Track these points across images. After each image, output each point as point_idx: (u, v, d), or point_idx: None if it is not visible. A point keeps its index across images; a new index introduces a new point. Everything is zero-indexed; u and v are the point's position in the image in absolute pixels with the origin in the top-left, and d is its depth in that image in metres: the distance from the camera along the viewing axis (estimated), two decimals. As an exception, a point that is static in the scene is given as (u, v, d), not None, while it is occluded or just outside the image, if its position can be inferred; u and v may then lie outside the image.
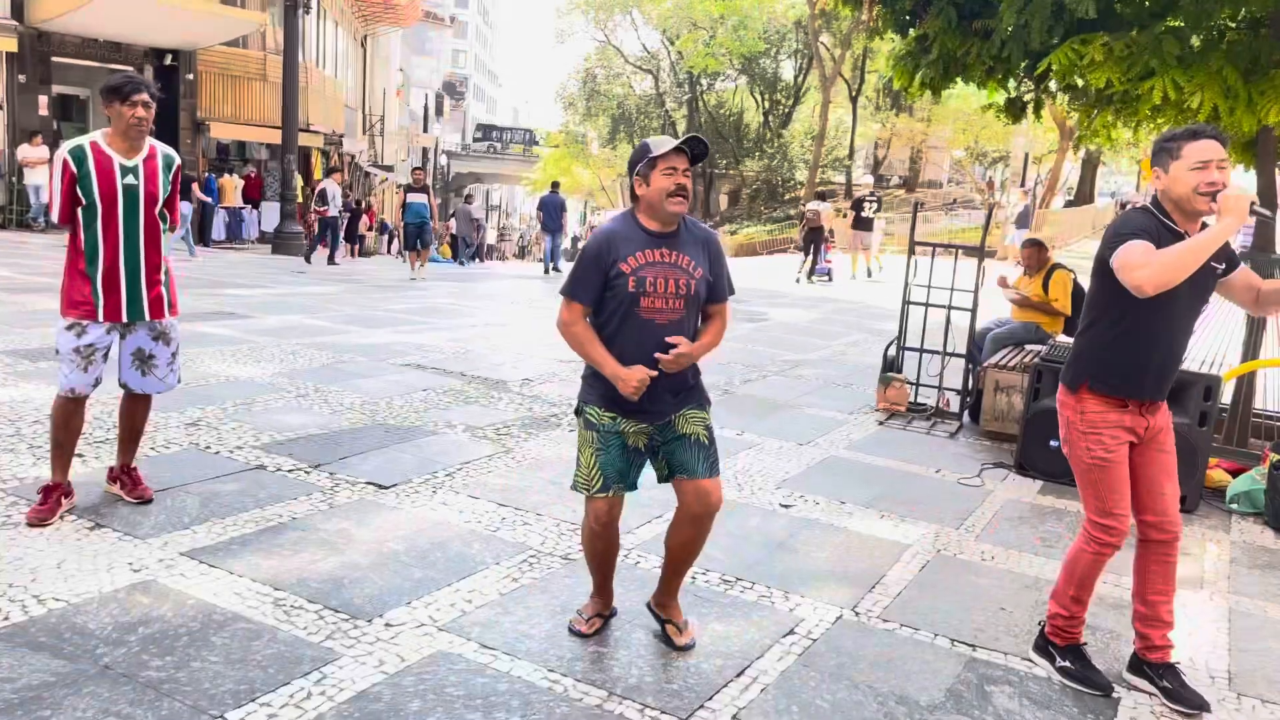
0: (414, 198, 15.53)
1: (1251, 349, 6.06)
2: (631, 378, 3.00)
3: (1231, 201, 2.96)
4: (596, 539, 3.22)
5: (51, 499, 3.94)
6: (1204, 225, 3.13)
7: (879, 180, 45.13)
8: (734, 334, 10.58)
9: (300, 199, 21.36)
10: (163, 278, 4.14)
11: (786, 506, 4.91)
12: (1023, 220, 21.94)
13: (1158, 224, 3.12)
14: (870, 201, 19.91)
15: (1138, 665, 3.35)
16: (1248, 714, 3.22)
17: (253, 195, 22.67)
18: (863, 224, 19.52)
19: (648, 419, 3.11)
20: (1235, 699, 3.31)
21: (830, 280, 18.74)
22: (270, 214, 21.84)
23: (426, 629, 3.29)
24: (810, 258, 18.81)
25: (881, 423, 6.95)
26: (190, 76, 20.54)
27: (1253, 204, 2.97)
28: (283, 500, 4.35)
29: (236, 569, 3.61)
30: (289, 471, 4.74)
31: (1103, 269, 3.18)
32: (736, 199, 48.32)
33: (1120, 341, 3.19)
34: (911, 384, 7.39)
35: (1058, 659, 3.36)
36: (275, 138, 20.47)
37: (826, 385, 8.17)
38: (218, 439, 5.15)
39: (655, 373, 3.01)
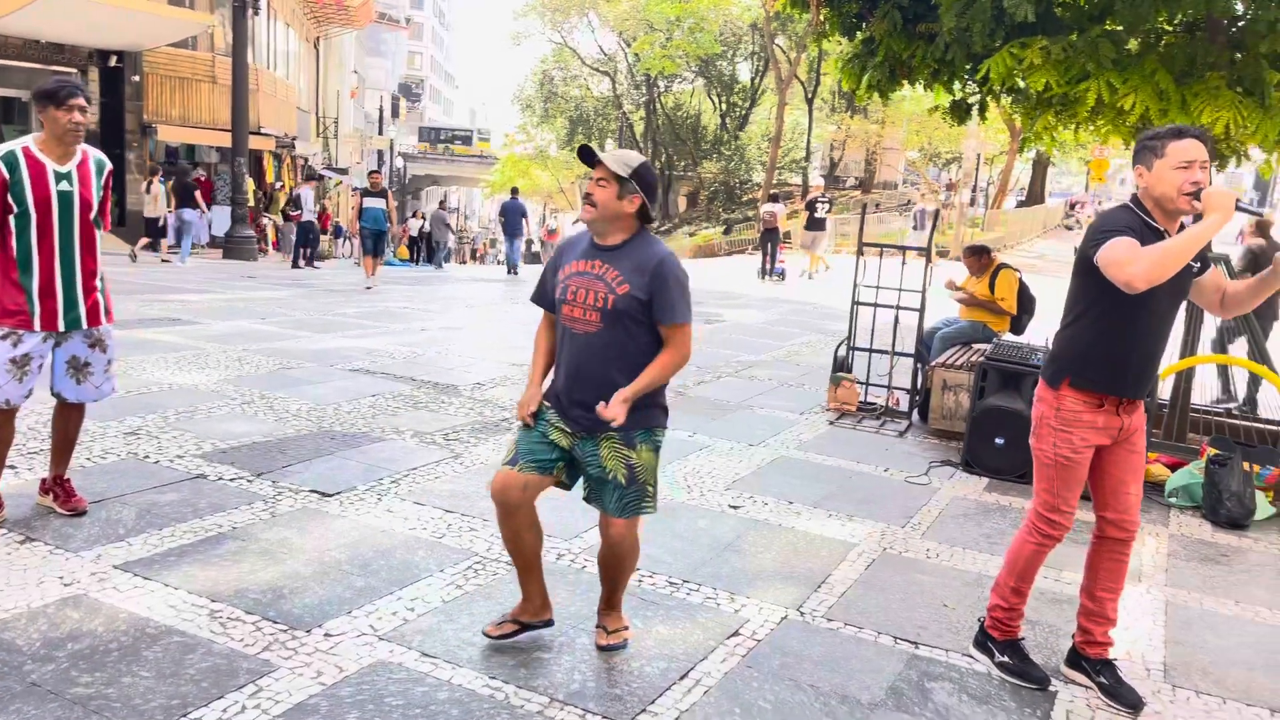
0: (370, 202, 14.52)
1: (1189, 346, 6.19)
2: (523, 399, 3.16)
3: (1217, 199, 2.97)
4: (500, 522, 3.14)
5: (-20, 512, 3.84)
6: (1182, 225, 3.17)
7: (835, 181, 45.53)
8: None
9: (252, 202, 21.06)
10: (99, 284, 4.06)
11: (735, 508, 4.92)
12: (921, 220, 22.15)
13: (1140, 222, 3.13)
14: (823, 202, 20.58)
15: (1075, 659, 3.40)
16: (1182, 705, 3.28)
17: (204, 199, 22.29)
18: (816, 224, 20.05)
19: (569, 425, 3.10)
20: (1170, 690, 3.37)
21: (784, 279, 19.11)
22: (221, 218, 21.49)
23: (367, 638, 3.25)
24: (767, 258, 19.29)
25: (832, 422, 6.99)
26: (136, 78, 20.16)
27: (1238, 201, 3.00)
28: (223, 510, 4.27)
29: (172, 581, 3.54)
30: (230, 480, 4.66)
31: (1085, 266, 3.16)
32: (695, 200, 48.49)
33: (1102, 339, 3.20)
34: (861, 383, 7.46)
35: (996, 654, 3.40)
36: (225, 140, 20.14)
37: (779, 386, 8.21)
38: (158, 448, 5.05)
39: (535, 411, 3.13)
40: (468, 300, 13.91)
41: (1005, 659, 3.38)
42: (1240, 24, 6.06)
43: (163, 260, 16.94)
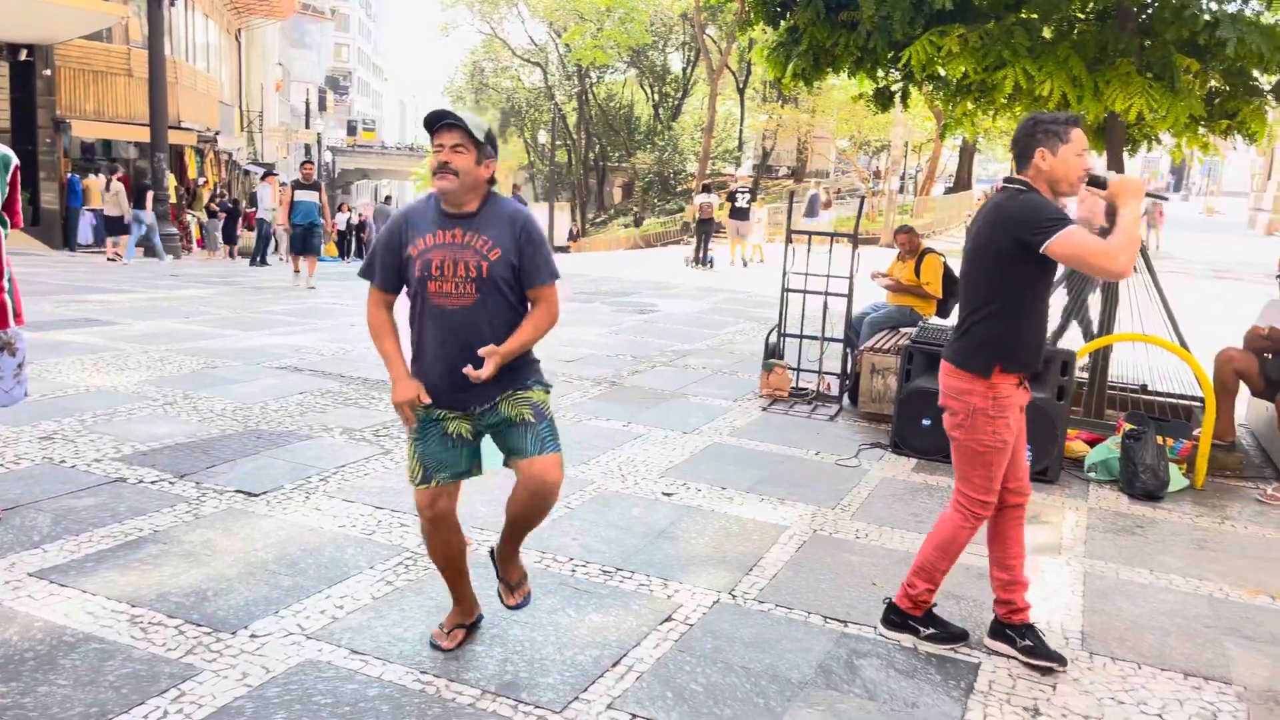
0: (303, 196, 13.38)
1: (1105, 325, 6.38)
2: (400, 395, 2.89)
3: (1131, 184, 3.09)
4: (427, 535, 3.06)
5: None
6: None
7: (768, 171, 45.90)
8: (623, 326, 10.64)
9: (174, 199, 20.51)
10: (7, 285, 3.93)
11: (669, 495, 4.95)
12: (811, 206, 22.64)
13: (1057, 205, 3.20)
14: (743, 192, 21.15)
15: (999, 630, 3.49)
16: (1099, 671, 3.39)
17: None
18: (739, 214, 20.59)
19: (463, 406, 2.95)
20: (1088, 657, 3.49)
21: (712, 267, 19.60)
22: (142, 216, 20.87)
23: (294, 638, 3.20)
24: (701, 246, 19.85)
25: (765, 408, 7.07)
26: (48, 72, 19.46)
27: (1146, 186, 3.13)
28: (144, 513, 4.16)
29: (90, 588, 3.44)
30: (152, 483, 4.55)
31: (1012, 254, 3.17)
32: (630, 191, 48.51)
33: (1029, 323, 3.29)
34: (793, 369, 7.54)
35: (922, 629, 3.47)
36: (144, 136, 19.57)
37: (713, 374, 8.27)
38: (74, 452, 4.90)
39: (428, 400, 2.89)
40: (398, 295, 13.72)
41: (932, 630, 3.47)
42: (1149, 11, 6.25)
43: (108, 259, 17.02)
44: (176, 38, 23.36)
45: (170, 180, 19.41)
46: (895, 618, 3.53)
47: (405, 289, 3.00)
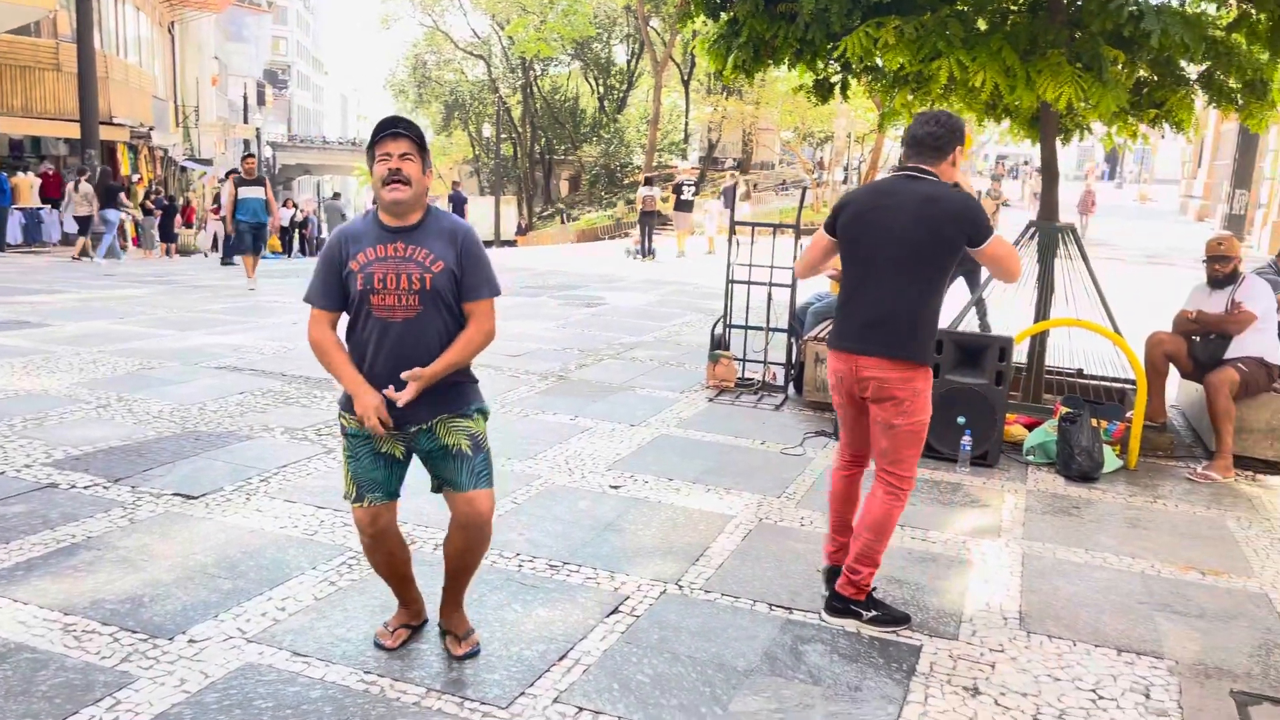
0: (248, 192, 12.46)
1: (1042, 310, 6.52)
2: (367, 405, 2.83)
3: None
4: (368, 551, 3.06)
5: None
6: None
7: (714, 163, 46.05)
8: (571, 319, 10.61)
9: (107, 197, 19.97)
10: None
11: (616, 487, 4.95)
12: (727, 198, 22.99)
13: None
14: (689, 185, 21.60)
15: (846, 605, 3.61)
16: (1036, 650, 3.47)
17: (52, 194, 21.04)
18: (683, 205, 21.05)
19: (399, 425, 2.91)
20: (1026, 637, 3.56)
21: (654, 258, 20.05)
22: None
23: (234, 642, 3.15)
24: (645, 238, 20.18)
25: (711, 399, 7.10)
26: (-29, 67, 18.87)
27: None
28: (77, 519, 4.06)
29: (20, 596, 3.35)
30: (85, 488, 4.44)
31: (955, 248, 3.34)
32: (576, 184, 48.36)
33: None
34: (739, 360, 7.59)
35: (865, 613, 3.53)
36: (74, 132, 19.04)
37: (660, 366, 8.29)
38: (3, 458, 4.76)
39: (395, 395, 2.82)
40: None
41: (874, 614, 3.52)
42: (1078, 4, 6.37)
43: (73, 258, 16.89)
44: (107, 31, 22.74)
45: (103, 177, 18.90)
46: (838, 604, 3.58)
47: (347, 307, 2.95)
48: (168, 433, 5.40)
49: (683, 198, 20.96)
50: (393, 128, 2.83)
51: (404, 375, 2.81)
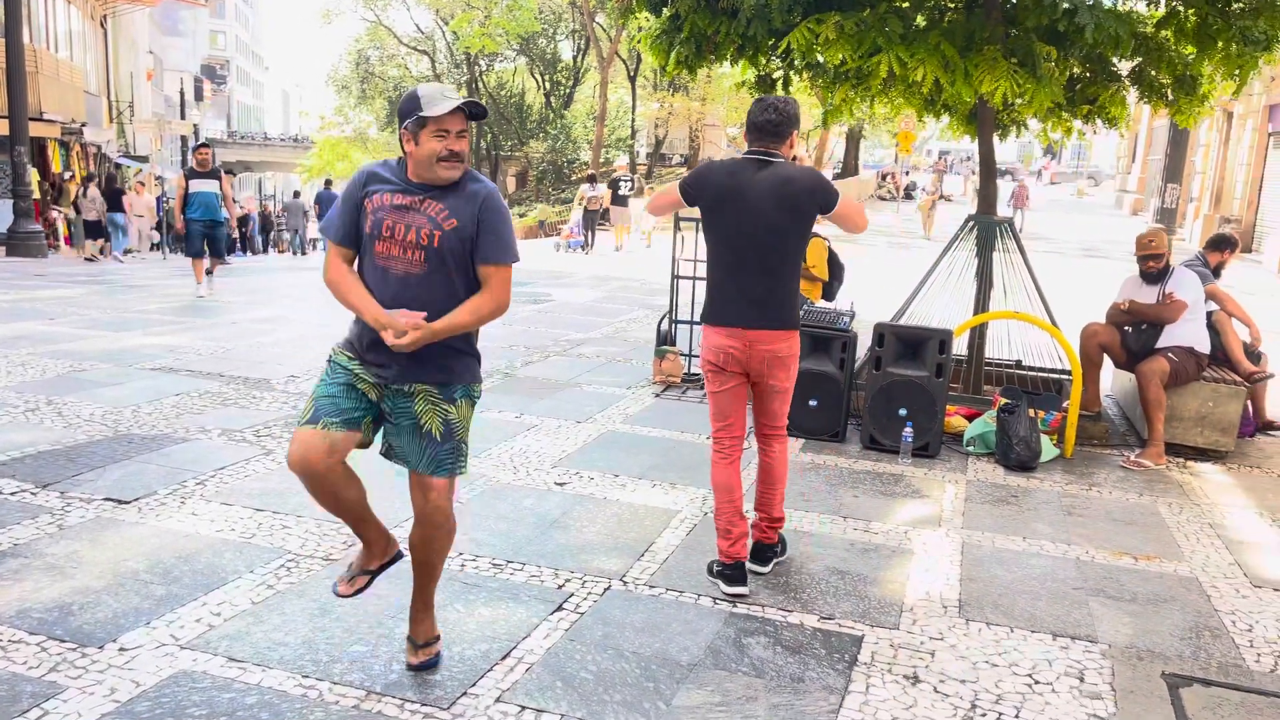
0: (200, 185, 11.05)
1: (981, 304, 6.62)
2: (392, 322, 2.66)
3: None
4: (307, 487, 2.78)
5: None
6: None
7: (661, 159, 46.11)
8: (517, 316, 10.54)
9: (37, 195, 19.40)
10: None
11: (561, 484, 4.93)
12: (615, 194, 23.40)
13: None
14: (626, 181, 22.17)
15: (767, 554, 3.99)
16: (975, 637, 3.52)
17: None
18: (620, 201, 21.60)
19: (378, 373, 2.79)
20: (964, 624, 3.62)
21: (586, 252, 21.05)
22: (2, 213, 19.71)
23: (167, 649, 3.07)
24: (591, 234, 21.07)
25: (658, 395, 7.11)
26: (-108, 60, 18.17)
27: None
28: (3, 526, 3.93)
29: (-59, 607, 3.24)
30: (11, 494, 4.30)
31: (810, 218, 3.70)
32: (524, 181, 48.10)
33: None
34: (685, 355, 7.60)
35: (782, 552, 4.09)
36: (2, 128, 18.45)
37: (607, 362, 8.27)
38: (-76, 465, 4.60)
39: (422, 316, 2.68)
40: (284, 290, 13.31)
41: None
42: (1013, 1, 6.48)
43: (87, 259, 17.59)
44: (36, 25, 22.06)
45: (33, 175, 18.37)
46: (770, 554, 3.95)
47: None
48: (99, 436, 5.26)
49: (619, 193, 21.50)
50: (459, 103, 2.67)
51: (403, 318, 2.67)
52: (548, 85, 47.48)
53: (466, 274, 2.79)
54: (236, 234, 25.02)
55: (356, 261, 2.86)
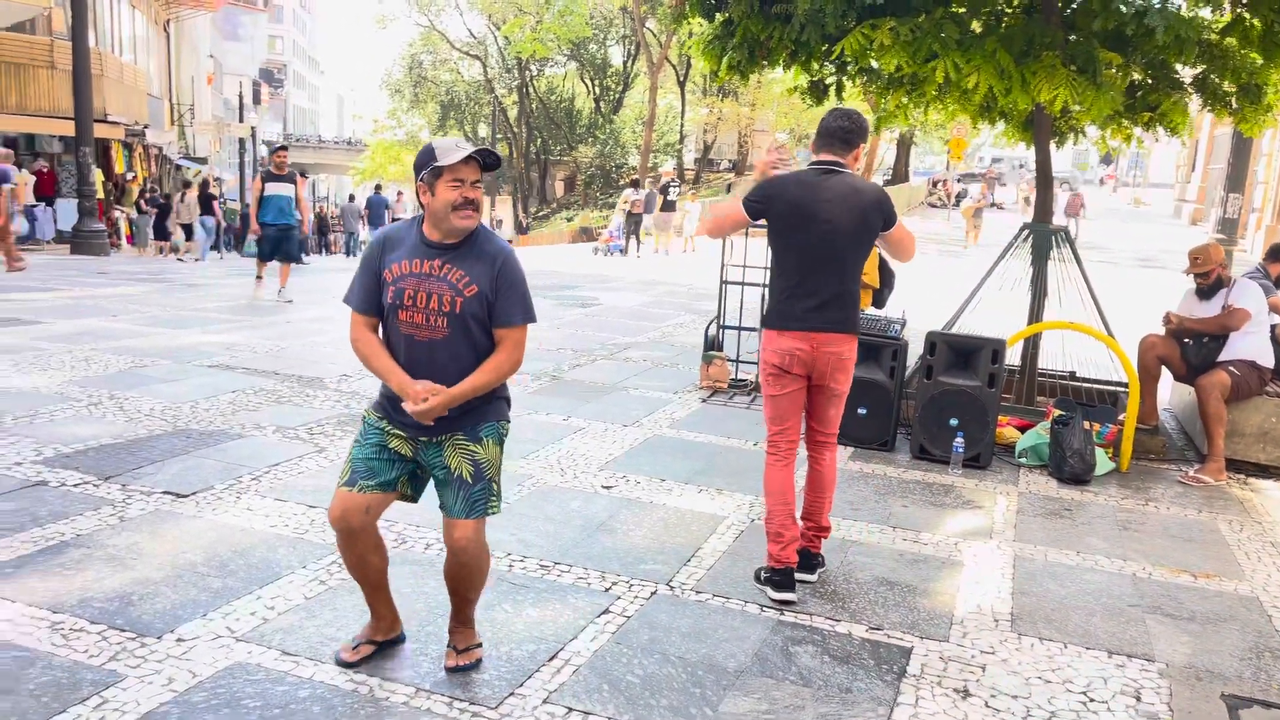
0: (276, 188, 10.83)
1: (1035, 313, 6.52)
2: (418, 393, 2.76)
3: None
4: (340, 548, 2.94)
5: None
6: None
7: (709, 164, 46.10)
8: (565, 320, 10.60)
9: (101, 194, 19.93)
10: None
11: (608, 488, 4.94)
12: (648, 205, 23.40)
13: None
14: (674, 186, 22.44)
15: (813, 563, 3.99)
16: (1027, 652, 3.47)
17: (46, 192, 20.98)
18: (668, 206, 22.12)
19: (408, 431, 2.88)
20: (1016, 639, 3.56)
21: (624, 254, 21.51)
22: (67, 211, 20.26)
23: (223, 641, 3.13)
24: (635, 239, 21.61)
25: (704, 400, 7.10)
26: (-34, 64, 18.80)
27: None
28: (66, 517, 4.04)
29: (8, 594, 3.33)
30: (75, 486, 4.42)
31: (874, 231, 3.79)
32: (572, 185, 48.35)
33: None
34: (732, 361, 7.59)
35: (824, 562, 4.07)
36: (68, 129, 18.97)
37: (653, 366, 8.28)
38: (-7, 456, 4.74)
39: (432, 385, 2.78)
40: (337, 291, 13.48)
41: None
42: (1073, 5, 6.38)
43: (179, 259, 18.55)
44: (102, 29, 22.67)
45: (97, 175, 18.87)
46: (815, 563, 3.95)
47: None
48: (159, 431, 5.38)
49: (668, 198, 21.94)
50: (474, 153, 2.74)
51: (422, 389, 2.75)
52: (597, 90, 47.69)
53: (487, 332, 2.87)
54: (314, 236, 25.59)
55: (381, 327, 2.92)
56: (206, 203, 20.50)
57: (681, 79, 42.32)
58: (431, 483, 3.01)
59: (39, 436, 5.10)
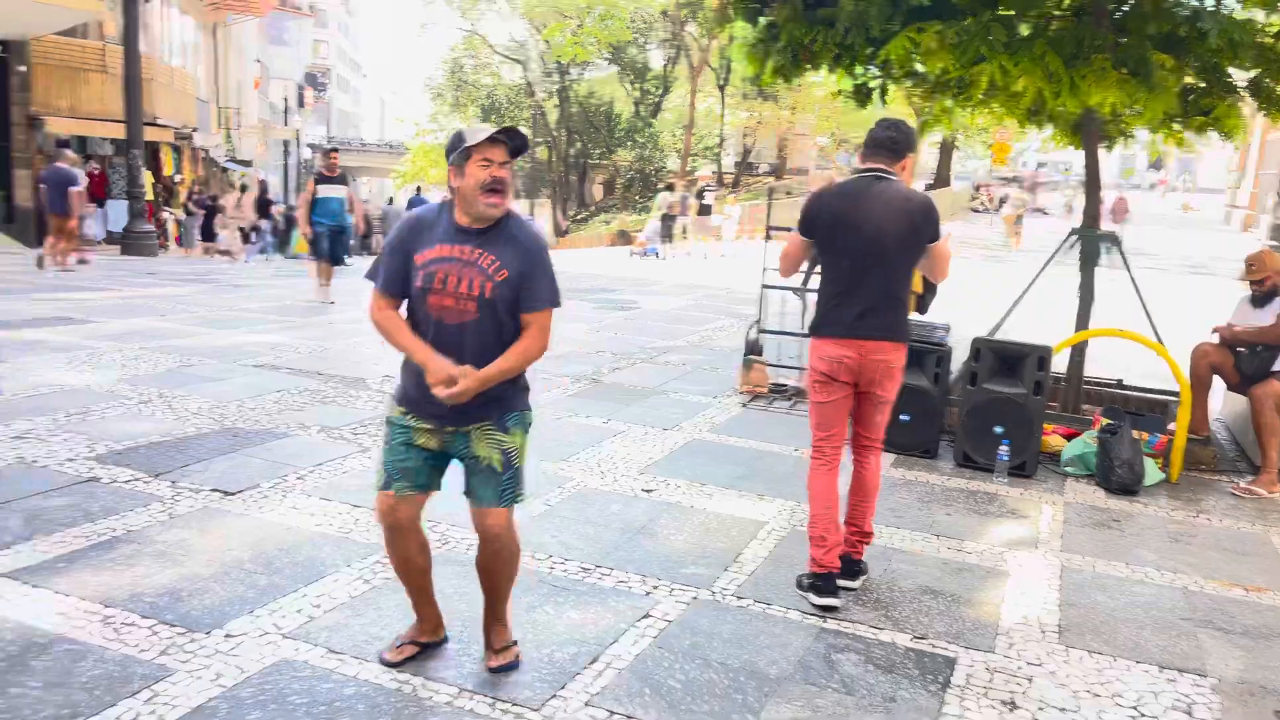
0: (329, 190, 10.87)
1: (1082, 320, 6.42)
2: (441, 370, 2.76)
3: None
4: (387, 543, 2.99)
5: None
6: None
7: (748, 168, 45.97)
8: (604, 323, 10.62)
9: (150, 196, 20.31)
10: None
11: (648, 491, 4.94)
12: (683, 209, 23.57)
13: None
14: (710, 190, 22.61)
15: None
16: (1075, 665, 3.41)
17: (97, 194, 21.40)
18: (704, 210, 22.58)
19: (435, 420, 2.88)
20: (1064, 651, 3.50)
21: (659, 257, 21.75)
22: (118, 212, 20.68)
23: (270, 637, 3.17)
24: (666, 241, 22.07)
25: (744, 405, 7.07)
26: (23, 68, 19.23)
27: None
28: (117, 513, 4.12)
29: (62, 588, 3.40)
30: (125, 482, 4.50)
31: (922, 239, 3.77)
32: (611, 189, 48.44)
33: None
34: (772, 365, 7.55)
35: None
36: (119, 132, 19.35)
37: (692, 370, 8.26)
38: (47, 452, 4.84)
39: (468, 366, 2.77)
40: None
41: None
42: (1124, 8, 6.28)
43: (229, 261, 19.09)
44: (152, 34, 23.12)
45: (146, 177, 19.23)
46: (857, 569, 3.91)
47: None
48: (206, 429, 5.47)
49: (704, 202, 22.45)
50: (499, 133, 2.77)
51: (454, 372, 2.76)
52: (637, 94, 47.74)
53: (514, 317, 2.87)
54: (364, 237, 25.96)
55: (407, 311, 2.94)
56: (264, 206, 21.48)
57: (721, 82, 42.22)
58: (448, 472, 3.02)
59: (91, 433, 5.21)
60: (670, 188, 23.25)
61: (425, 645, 3.14)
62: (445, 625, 3.21)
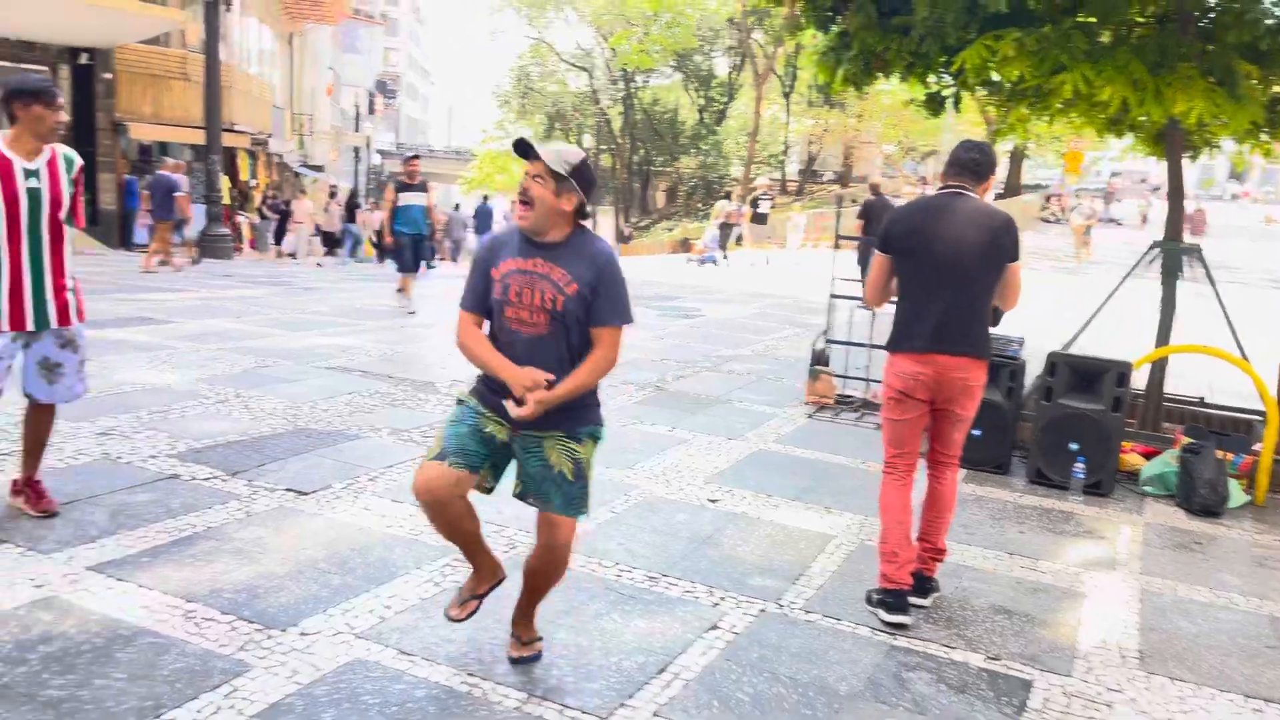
0: (410, 198, 10.74)
1: (1164, 335, 6.24)
2: (524, 379, 2.79)
3: None
4: (428, 518, 2.93)
5: (-51, 516, 3.74)
6: None
7: (813, 175, 45.65)
8: (668, 331, 10.62)
9: (227, 200, 20.87)
10: (69, 283, 4.00)
11: (714, 501, 4.92)
12: (738, 217, 23.33)
13: None
14: (765, 199, 22.91)
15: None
16: (1157, 692, 3.31)
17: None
18: (759, 219, 22.47)
19: (507, 421, 2.89)
20: (1146, 677, 3.40)
21: (716, 265, 21.57)
22: (196, 216, 21.27)
23: (343, 637, 3.22)
24: (722, 249, 22.07)
25: (810, 415, 7.01)
26: (108, 76, 19.91)
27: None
28: (196, 510, 4.23)
29: (145, 582, 3.50)
30: (204, 480, 4.62)
31: (1004, 256, 3.70)
32: (674, 196, 48.49)
33: None
34: (839, 376, 7.47)
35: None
36: (199, 138, 19.93)
37: (758, 380, 8.22)
38: (130, 448, 4.99)
39: (552, 376, 2.80)
40: (450, 297, 13.81)
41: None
42: (1210, 16, 6.10)
43: (318, 264, 19.55)
44: (232, 43, 23.80)
45: (224, 182, 19.76)
46: (929, 587, 3.84)
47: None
48: (281, 429, 5.59)
49: (759, 210, 22.10)
50: (526, 150, 2.82)
51: (538, 378, 2.78)
52: (701, 101, 47.74)
53: (583, 331, 2.90)
54: (443, 245, 26.42)
55: (489, 328, 2.99)
56: (351, 212, 22.27)
57: (787, 90, 42.02)
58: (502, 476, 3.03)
59: (172, 431, 5.36)
60: (728, 196, 23.29)
61: (487, 592, 3.13)
62: (504, 566, 3.16)
